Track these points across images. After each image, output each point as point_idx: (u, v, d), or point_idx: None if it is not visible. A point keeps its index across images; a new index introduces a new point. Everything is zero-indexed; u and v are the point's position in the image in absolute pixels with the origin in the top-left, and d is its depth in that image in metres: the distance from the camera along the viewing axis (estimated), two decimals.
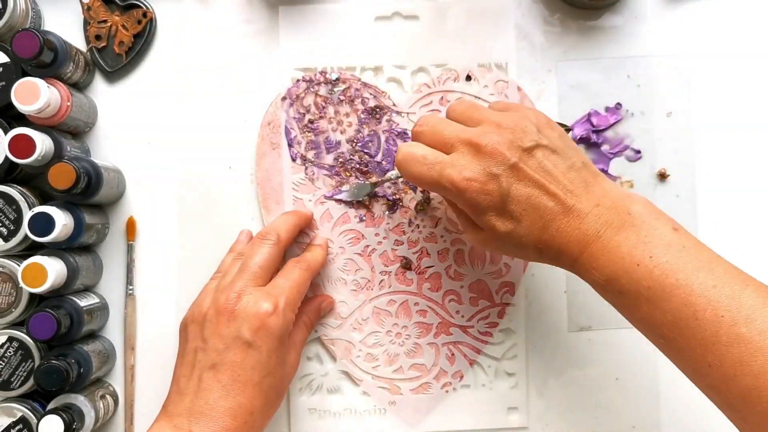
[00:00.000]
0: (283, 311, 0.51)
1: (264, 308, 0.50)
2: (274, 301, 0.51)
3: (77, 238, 0.54)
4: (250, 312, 0.50)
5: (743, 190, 0.61)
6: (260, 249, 0.54)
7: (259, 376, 0.50)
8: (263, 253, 0.54)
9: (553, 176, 0.47)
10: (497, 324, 0.60)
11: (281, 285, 0.53)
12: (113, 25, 0.60)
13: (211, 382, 0.49)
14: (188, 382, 0.50)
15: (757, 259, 0.61)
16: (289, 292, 0.52)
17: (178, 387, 0.50)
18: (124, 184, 0.60)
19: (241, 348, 0.50)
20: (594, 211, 0.47)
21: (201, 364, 0.50)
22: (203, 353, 0.50)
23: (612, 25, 0.61)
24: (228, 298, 0.51)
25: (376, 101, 0.60)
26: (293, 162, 0.60)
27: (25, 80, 0.52)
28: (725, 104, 0.61)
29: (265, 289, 0.52)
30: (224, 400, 0.49)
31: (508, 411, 0.60)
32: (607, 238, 0.46)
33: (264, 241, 0.55)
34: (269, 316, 0.50)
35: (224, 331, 0.50)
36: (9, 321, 0.55)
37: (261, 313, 0.50)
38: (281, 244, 0.55)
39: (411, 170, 0.49)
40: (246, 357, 0.49)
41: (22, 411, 0.54)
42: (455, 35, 0.61)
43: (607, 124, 0.61)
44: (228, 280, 0.53)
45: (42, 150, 0.52)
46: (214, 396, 0.49)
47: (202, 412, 0.48)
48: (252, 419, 0.49)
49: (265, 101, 0.60)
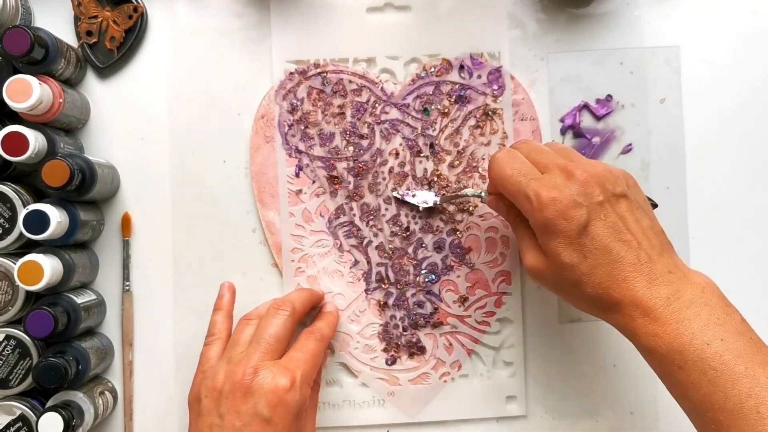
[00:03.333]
0: (300, 386, 0.50)
1: (282, 384, 0.49)
2: (291, 376, 0.49)
3: (72, 235, 0.54)
4: (267, 388, 0.49)
5: (733, 182, 0.61)
6: (275, 320, 0.53)
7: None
8: (278, 324, 0.52)
9: (633, 229, 0.47)
10: (494, 313, 0.60)
11: (297, 358, 0.51)
12: (104, 20, 0.59)
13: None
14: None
15: (746, 252, 0.61)
16: (305, 365, 0.51)
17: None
18: (118, 180, 0.60)
19: (259, 425, 0.48)
20: (666, 276, 0.46)
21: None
22: (219, 429, 0.49)
23: (604, 12, 0.61)
24: (244, 373, 0.49)
25: (369, 93, 0.60)
26: (287, 155, 0.60)
27: (17, 77, 0.52)
28: (716, 95, 0.61)
29: (282, 363, 0.51)
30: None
31: (506, 400, 0.60)
32: (677, 308, 0.45)
33: (279, 311, 0.53)
34: (287, 392, 0.49)
35: (241, 407, 0.48)
36: (6, 319, 0.55)
37: (279, 389, 0.49)
38: (296, 316, 0.54)
39: (503, 171, 0.49)
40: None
41: (21, 409, 0.54)
42: (447, 25, 0.61)
43: (599, 115, 0.61)
44: (240, 351, 0.52)
45: (35, 147, 0.52)
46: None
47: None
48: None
49: (258, 94, 0.60)
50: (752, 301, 0.61)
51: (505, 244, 0.60)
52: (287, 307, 0.54)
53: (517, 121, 0.60)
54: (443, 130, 0.60)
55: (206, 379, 0.51)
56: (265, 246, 0.60)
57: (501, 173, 0.50)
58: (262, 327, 0.53)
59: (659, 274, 0.46)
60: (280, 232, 0.60)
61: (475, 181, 0.60)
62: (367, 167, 0.60)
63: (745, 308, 0.61)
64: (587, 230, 0.46)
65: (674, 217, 0.61)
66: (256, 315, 0.55)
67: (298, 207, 0.60)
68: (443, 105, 0.60)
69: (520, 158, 0.50)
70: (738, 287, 0.61)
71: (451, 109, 0.60)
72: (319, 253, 0.60)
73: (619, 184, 0.48)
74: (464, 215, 0.60)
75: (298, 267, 0.60)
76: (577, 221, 0.46)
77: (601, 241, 0.46)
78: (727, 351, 0.44)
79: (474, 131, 0.60)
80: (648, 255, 0.46)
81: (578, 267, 0.47)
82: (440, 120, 0.60)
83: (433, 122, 0.60)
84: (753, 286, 0.61)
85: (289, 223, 0.60)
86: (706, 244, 0.61)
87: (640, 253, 0.46)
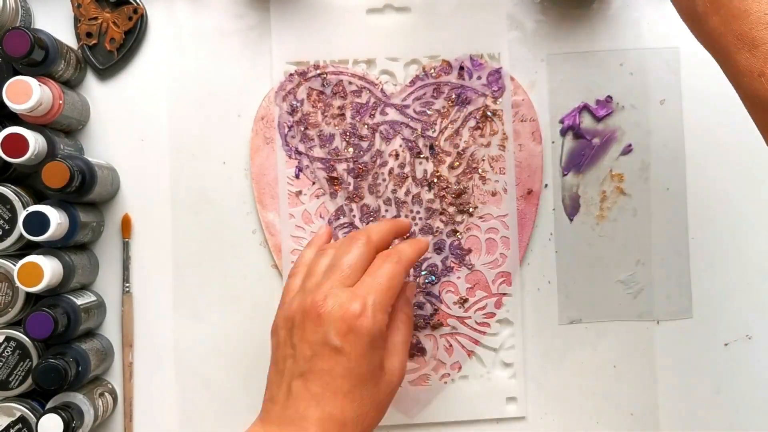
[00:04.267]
0: (373, 312, 0.47)
1: (352, 310, 0.46)
2: (362, 301, 0.47)
3: (72, 236, 0.54)
4: (336, 315, 0.46)
5: (733, 183, 0.61)
6: (350, 248, 0.50)
7: (350, 385, 0.46)
8: (353, 252, 0.50)
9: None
10: (494, 314, 0.60)
11: (368, 283, 0.48)
12: (104, 22, 0.59)
13: (300, 391, 0.46)
14: (279, 389, 0.47)
15: (746, 253, 0.61)
16: (378, 290, 0.48)
17: (270, 393, 0.48)
18: (118, 181, 0.60)
19: (330, 354, 0.46)
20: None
21: (290, 372, 0.47)
22: (292, 360, 0.47)
23: (604, 14, 0.61)
24: (314, 301, 0.47)
25: (369, 94, 0.60)
26: (287, 156, 0.60)
27: (17, 79, 0.52)
28: (716, 96, 0.61)
29: (352, 289, 0.48)
30: (314, 409, 0.45)
31: (506, 401, 0.60)
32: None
33: (354, 241, 0.51)
34: (357, 318, 0.46)
35: (311, 336, 0.47)
36: (6, 321, 0.55)
37: (348, 316, 0.46)
38: (371, 245, 0.51)
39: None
40: (335, 364, 0.46)
41: (21, 410, 0.54)
42: (447, 26, 0.61)
43: (599, 116, 0.61)
44: (314, 281, 0.50)
45: (35, 149, 0.52)
46: (303, 405, 0.46)
47: (292, 421, 0.46)
48: (345, 431, 0.46)
49: (258, 96, 0.60)
50: (752, 301, 0.61)
51: (505, 245, 0.60)
52: (362, 236, 0.51)
53: (517, 122, 0.60)
54: (443, 132, 0.60)
55: (283, 309, 0.50)
56: (265, 247, 0.60)
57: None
58: (336, 256, 0.50)
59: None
60: (280, 234, 0.60)
61: (475, 183, 0.60)
62: (367, 168, 0.60)
63: (745, 309, 0.61)
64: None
65: (674, 217, 0.61)
66: (332, 246, 0.53)
67: (298, 208, 0.60)
68: (443, 106, 0.60)
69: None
70: (738, 288, 0.61)
71: (451, 110, 0.60)
72: None
73: None
74: (464, 216, 0.60)
75: None
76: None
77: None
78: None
79: (474, 132, 0.60)
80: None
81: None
82: (440, 121, 0.60)
83: (432, 123, 0.60)
84: (752, 286, 0.61)
85: (289, 225, 0.60)
86: (705, 244, 0.61)
87: None
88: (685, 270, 0.61)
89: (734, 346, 0.61)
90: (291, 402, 0.46)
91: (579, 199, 0.61)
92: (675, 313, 0.61)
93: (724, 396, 0.61)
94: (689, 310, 0.61)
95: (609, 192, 0.61)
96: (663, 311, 0.61)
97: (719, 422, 0.61)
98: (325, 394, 0.46)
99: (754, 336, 0.61)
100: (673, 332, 0.61)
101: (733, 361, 0.61)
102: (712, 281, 0.61)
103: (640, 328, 0.61)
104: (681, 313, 0.61)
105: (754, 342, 0.61)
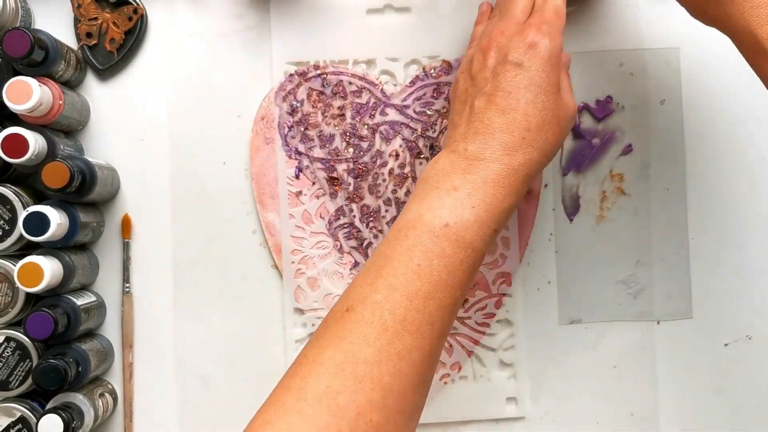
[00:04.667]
0: (548, 32, 0.48)
1: (528, 32, 0.48)
2: (537, 24, 0.49)
3: (72, 236, 0.54)
4: (514, 39, 0.48)
5: (733, 183, 0.61)
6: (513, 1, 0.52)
7: (533, 94, 0.47)
8: (522, 1, 0.51)
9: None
10: (494, 315, 0.60)
11: (538, 16, 0.50)
12: (104, 22, 0.59)
13: (483, 105, 0.48)
14: (461, 114, 0.49)
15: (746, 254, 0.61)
16: (548, 15, 0.49)
17: (452, 123, 0.50)
18: (118, 181, 0.60)
19: (511, 68, 0.47)
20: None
21: (472, 96, 0.49)
22: (473, 87, 0.49)
23: (604, 14, 0.61)
24: (491, 36, 0.49)
25: (369, 94, 0.60)
26: (287, 156, 0.60)
27: (17, 79, 0.52)
28: (716, 97, 0.61)
29: (529, 20, 0.50)
30: (498, 117, 0.47)
31: (506, 401, 0.60)
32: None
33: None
34: (535, 35, 0.48)
35: (490, 62, 0.49)
36: (6, 321, 0.55)
37: (526, 36, 0.48)
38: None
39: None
40: (517, 75, 0.47)
41: (21, 411, 0.54)
42: (447, 26, 0.61)
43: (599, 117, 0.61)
44: (507, 17, 0.51)
45: (35, 149, 0.52)
46: (488, 115, 0.47)
47: (477, 131, 0.47)
48: (530, 137, 0.47)
49: (258, 96, 0.60)
50: (753, 302, 0.61)
51: (505, 246, 0.60)
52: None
53: None
54: (443, 132, 0.60)
55: (461, 62, 0.53)
56: (264, 247, 0.60)
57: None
58: (505, 5, 0.52)
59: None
60: (280, 234, 0.60)
61: None
62: (367, 169, 0.60)
63: (746, 309, 0.61)
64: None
65: (674, 217, 0.61)
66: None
67: (298, 208, 0.60)
68: (443, 106, 0.60)
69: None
70: (738, 288, 0.61)
71: None
72: (319, 254, 0.60)
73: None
74: None
75: (298, 268, 0.60)
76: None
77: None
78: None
79: None
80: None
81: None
82: (440, 121, 0.60)
83: (433, 124, 0.60)
84: (753, 288, 0.61)
85: (289, 225, 0.60)
86: (705, 245, 0.61)
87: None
88: (685, 270, 0.61)
89: (734, 346, 0.61)
90: (475, 116, 0.48)
91: (579, 199, 0.61)
92: (675, 314, 0.61)
93: (724, 396, 0.61)
94: (689, 310, 0.61)
95: (609, 192, 0.61)
96: (663, 311, 0.61)
97: (719, 422, 0.61)
98: (509, 101, 0.47)
99: (754, 336, 0.61)
100: (673, 332, 0.61)
101: (733, 362, 0.61)
102: (712, 281, 0.61)
103: (640, 328, 0.61)
104: (681, 314, 0.61)
105: (754, 342, 0.61)
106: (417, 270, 0.44)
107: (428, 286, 0.44)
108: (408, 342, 0.43)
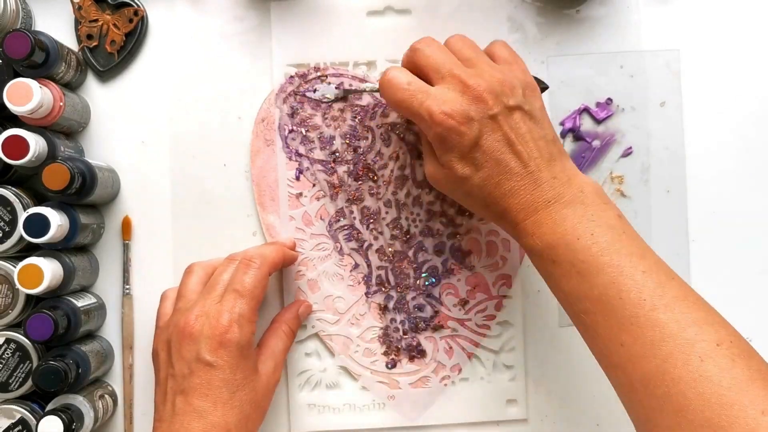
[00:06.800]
0: (239, 324, 0.51)
1: (220, 325, 0.50)
2: (228, 316, 0.51)
3: (73, 238, 0.54)
4: (206, 332, 0.50)
5: (734, 185, 0.61)
6: (225, 268, 0.54)
7: (228, 393, 0.50)
8: (225, 271, 0.54)
9: (524, 140, 0.49)
10: (495, 316, 0.60)
11: (233, 298, 0.52)
12: (104, 24, 0.59)
13: (183, 406, 0.50)
14: (164, 408, 0.51)
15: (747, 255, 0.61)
16: (241, 302, 0.52)
17: (157, 414, 0.52)
18: (118, 183, 0.60)
19: (204, 369, 0.50)
20: (550, 182, 0.48)
21: (172, 391, 0.51)
22: (173, 380, 0.51)
23: (604, 16, 0.61)
24: (187, 321, 0.51)
25: (369, 96, 0.60)
26: (288, 158, 0.60)
27: (17, 81, 0.52)
28: (717, 99, 0.61)
29: (219, 305, 0.52)
30: (197, 421, 0.49)
31: (507, 403, 0.60)
32: (555, 209, 0.48)
33: (230, 261, 0.55)
34: (225, 332, 0.50)
35: (186, 354, 0.51)
36: (6, 323, 0.55)
37: (217, 331, 0.50)
38: (234, 262, 0.55)
39: (394, 95, 0.51)
40: (211, 377, 0.50)
41: (21, 412, 0.54)
42: (448, 28, 0.60)
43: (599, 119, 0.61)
44: (187, 301, 0.54)
45: (35, 151, 0.52)
46: (187, 419, 0.49)
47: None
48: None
49: (258, 98, 0.60)
50: (753, 303, 0.61)
51: (505, 248, 0.60)
52: (237, 257, 0.55)
53: None
54: None
55: (160, 331, 0.54)
56: None
57: (392, 98, 0.51)
58: (213, 277, 0.55)
59: (544, 181, 0.48)
60: (281, 236, 0.60)
61: None
62: (368, 170, 0.60)
63: (746, 310, 0.61)
64: (479, 144, 0.48)
65: (674, 220, 0.61)
66: (200, 267, 0.56)
67: (299, 210, 0.60)
68: None
69: (408, 75, 0.51)
70: (738, 290, 0.61)
71: None
72: (319, 256, 0.60)
73: (514, 94, 0.49)
74: (464, 218, 0.60)
75: (298, 270, 0.60)
76: (469, 136, 0.48)
77: (493, 154, 0.48)
78: (595, 244, 0.46)
79: None
80: (537, 164, 0.48)
81: (471, 179, 0.49)
82: None
83: None
84: (753, 289, 0.61)
85: (290, 227, 0.60)
86: (706, 247, 0.61)
87: (529, 164, 0.48)
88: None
89: None
90: (176, 418, 0.50)
91: None
92: None
93: None
94: None
95: (609, 194, 0.61)
96: None
97: None
98: (206, 406, 0.50)
99: (754, 337, 0.61)
100: None
101: None
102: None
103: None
104: None
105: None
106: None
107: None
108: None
